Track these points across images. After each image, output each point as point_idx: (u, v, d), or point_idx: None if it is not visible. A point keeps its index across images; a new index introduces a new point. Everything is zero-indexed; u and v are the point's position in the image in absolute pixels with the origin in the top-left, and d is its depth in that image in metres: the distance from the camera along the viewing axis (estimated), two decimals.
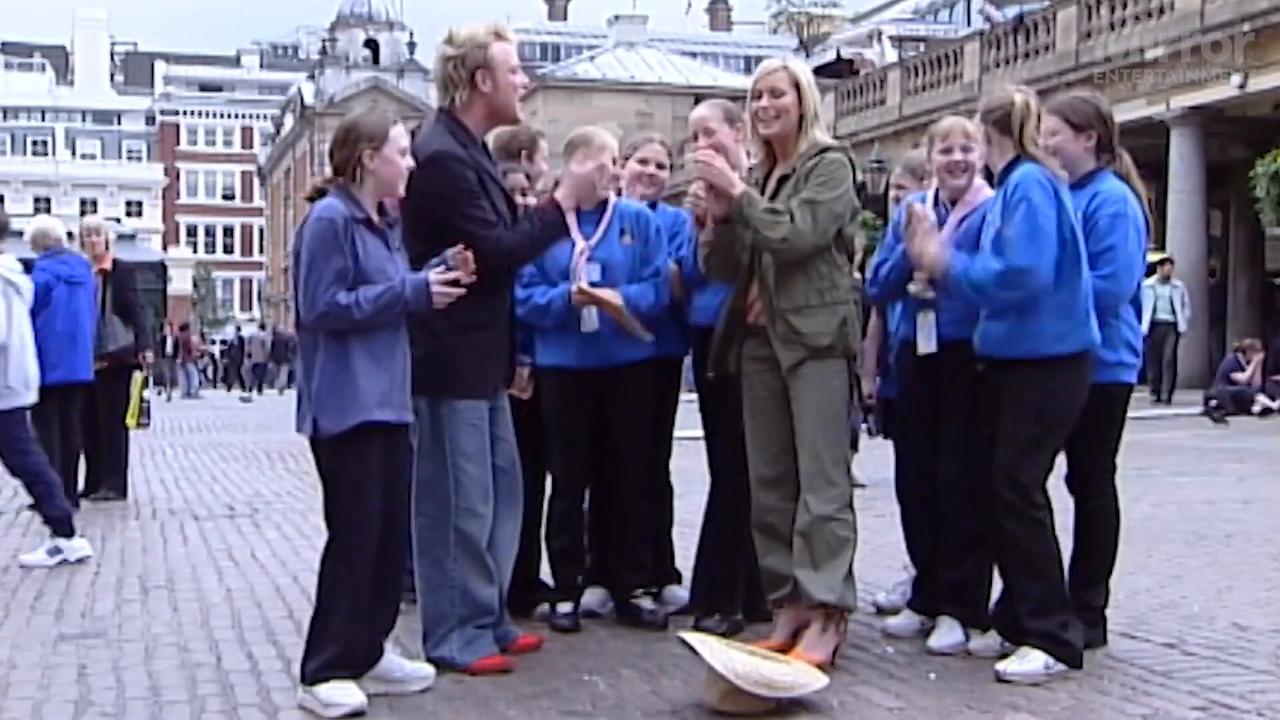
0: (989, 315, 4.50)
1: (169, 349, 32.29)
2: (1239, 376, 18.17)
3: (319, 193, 4.17)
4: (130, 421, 9.54)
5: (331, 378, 4.06)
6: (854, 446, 5.43)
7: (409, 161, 4.20)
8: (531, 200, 5.01)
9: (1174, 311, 18.27)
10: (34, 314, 8.72)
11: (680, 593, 5.48)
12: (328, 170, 4.25)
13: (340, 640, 4.05)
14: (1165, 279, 18.19)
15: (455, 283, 4.11)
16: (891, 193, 5.35)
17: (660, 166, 5.42)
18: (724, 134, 5.00)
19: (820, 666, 4.27)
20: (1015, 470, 4.41)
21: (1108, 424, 4.73)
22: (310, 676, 4.06)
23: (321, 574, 4.16)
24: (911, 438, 5.02)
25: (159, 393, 30.25)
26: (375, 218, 4.17)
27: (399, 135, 4.17)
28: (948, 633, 4.75)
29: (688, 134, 5.23)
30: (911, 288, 4.79)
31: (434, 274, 4.12)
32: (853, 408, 5.18)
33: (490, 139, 4.82)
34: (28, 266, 8.99)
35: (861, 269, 5.22)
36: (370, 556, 4.11)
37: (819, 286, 4.49)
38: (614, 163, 5.15)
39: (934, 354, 4.80)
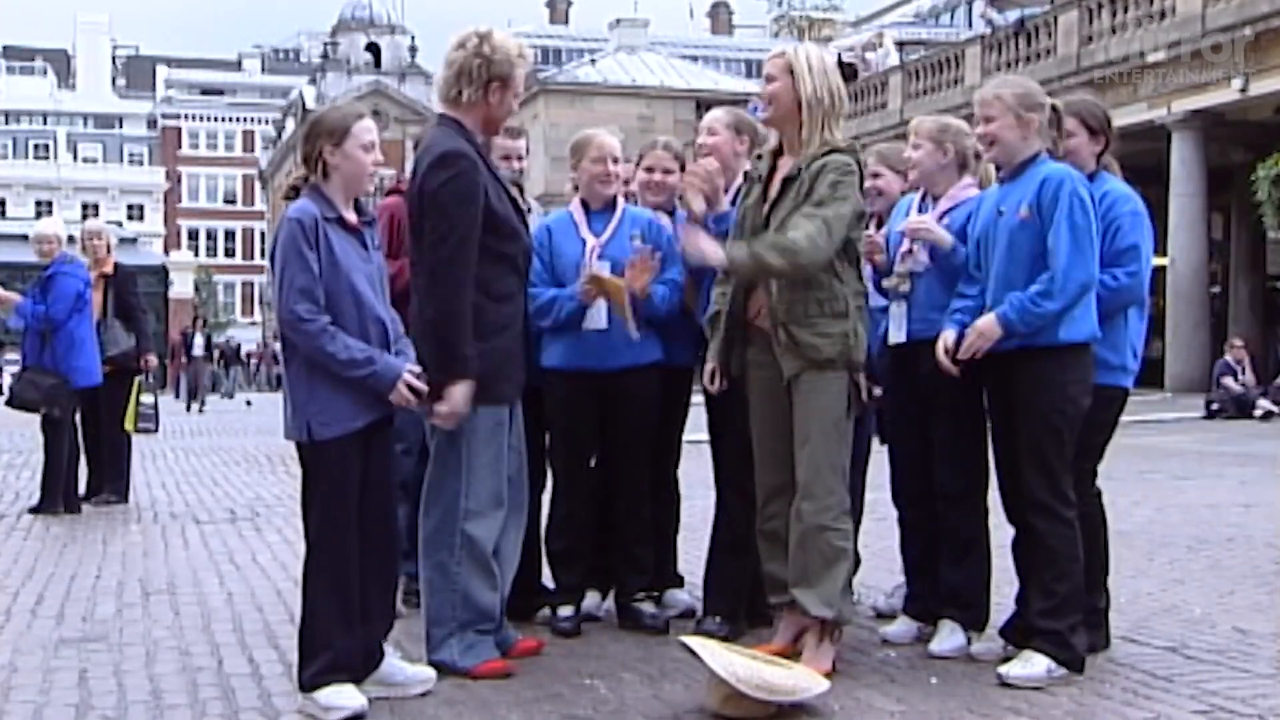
0: (994, 307, 4.46)
1: (197, 350, 30.09)
2: (1229, 382, 18.09)
3: (294, 190, 4.16)
4: (128, 426, 9.53)
5: (319, 382, 4.04)
6: (866, 456, 5.40)
7: (376, 156, 4.17)
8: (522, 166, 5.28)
9: None
10: (67, 318, 8.72)
11: (681, 596, 5.47)
12: (299, 168, 4.23)
13: (330, 647, 4.04)
14: None
15: (419, 393, 4.10)
16: (867, 183, 5.26)
17: (668, 172, 5.39)
18: (724, 138, 5.01)
19: (823, 675, 4.27)
20: (1047, 465, 4.41)
21: (1100, 428, 4.70)
22: (307, 683, 4.05)
23: (305, 582, 4.15)
24: (900, 441, 5.03)
25: (189, 404, 27.92)
26: (349, 216, 4.15)
27: (362, 130, 4.12)
28: (949, 636, 4.75)
29: (696, 134, 5.24)
30: (886, 283, 4.83)
31: (408, 371, 4.09)
32: (867, 416, 5.17)
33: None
34: (49, 273, 8.96)
35: None
36: (352, 560, 4.09)
37: (819, 297, 4.44)
38: (615, 162, 5.18)
39: (903, 345, 4.82)
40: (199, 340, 30.49)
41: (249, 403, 30.40)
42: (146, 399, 9.67)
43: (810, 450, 4.46)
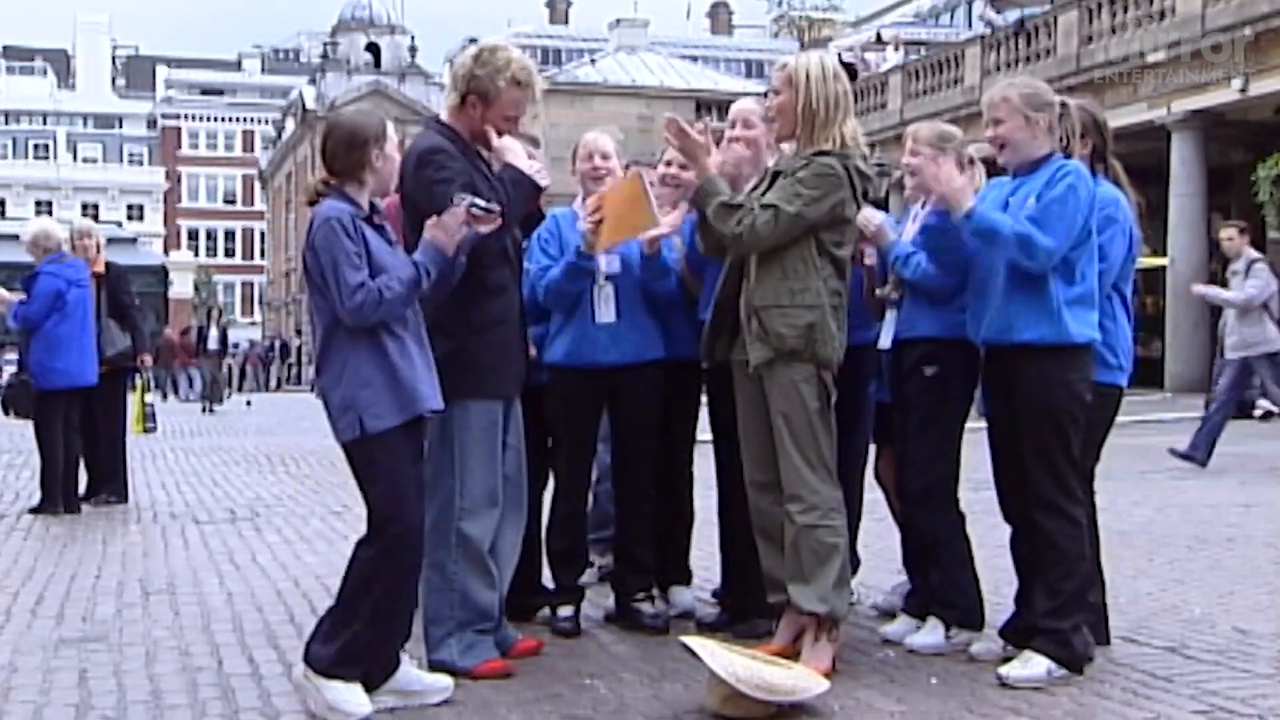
0: (1003, 302, 4.47)
1: (212, 345, 28.22)
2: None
3: (319, 195, 4.15)
4: (136, 428, 9.53)
5: (369, 376, 4.01)
6: (866, 456, 5.40)
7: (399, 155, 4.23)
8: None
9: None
10: (44, 319, 8.73)
11: (686, 595, 5.41)
12: (321, 172, 4.22)
13: (358, 638, 3.97)
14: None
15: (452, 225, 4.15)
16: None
17: (684, 167, 5.35)
18: (760, 130, 4.94)
19: (823, 674, 4.27)
20: (1054, 463, 4.42)
21: (1099, 425, 4.71)
22: (322, 666, 3.97)
23: (358, 566, 4.05)
24: (897, 441, 5.05)
25: (203, 405, 26.07)
26: (372, 214, 4.18)
27: (391, 131, 4.21)
28: (927, 632, 4.81)
29: (727, 123, 5.17)
30: (881, 292, 4.89)
31: (430, 222, 4.16)
32: (866, 417, 5.18)
33: None
34: (34, 272, 8.98)
35: None
36: (417, 551, 4.07)
37: (791, 286, 4.46)
38: (605, 158, 5.19)
39: (889, 351, 4.88)
40: (214, 334, 28.62)
41: (249, 403, 29.98)
42: (149, 399, 9.68)
43: (787, 451, 4.47)
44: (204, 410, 24.79)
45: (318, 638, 4.05)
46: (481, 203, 4.18)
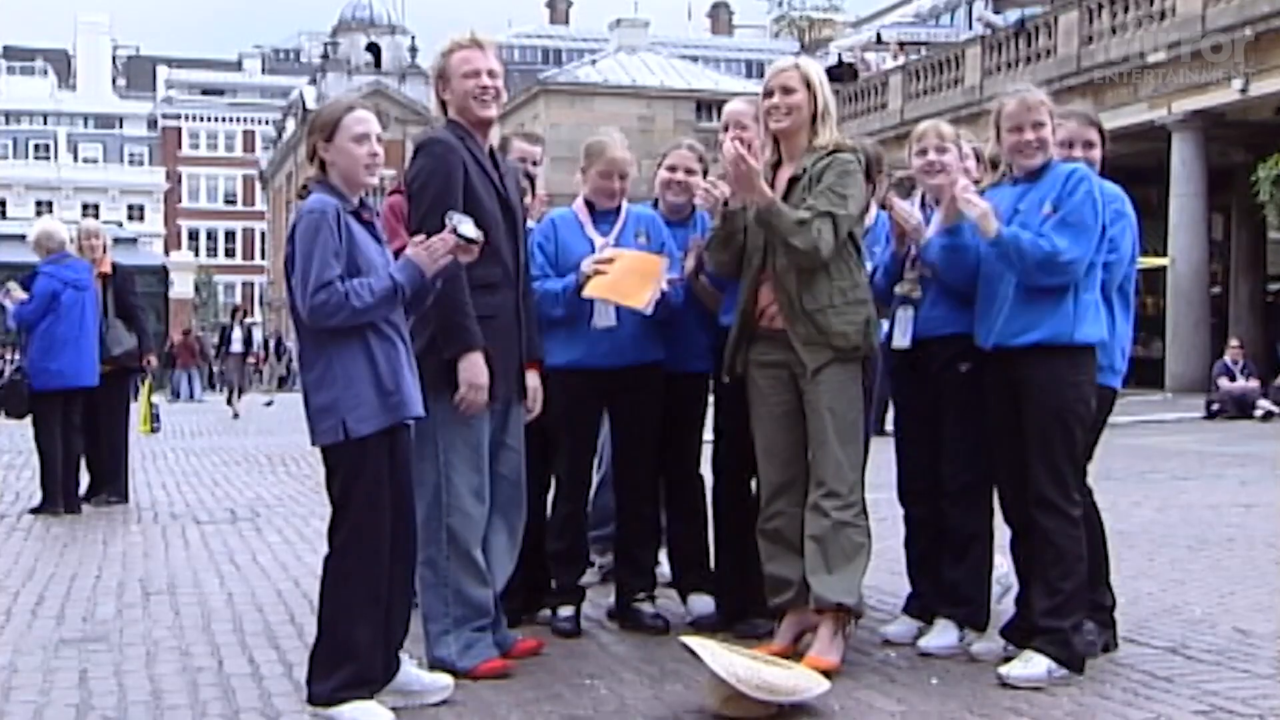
0: (1013, 305, 4.49)
1: (235, 346, 26.38)
2: (1224, 382, 17.97)
3: (305, 189, 4.11)
4: (143, 428, 9.55)
5: (354, 378, 3.93)
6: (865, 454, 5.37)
7: (371, 148, 4.07)
8: (542, 193, 5.32)
9: None
10: (39, 319, 8.76)
11: (704, 601, 5.27)
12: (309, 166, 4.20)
13: (356, 658, 3.90)
14: None
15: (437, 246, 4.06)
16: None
17: (690, 171, 5.27)
18: (753, 132, 4.94)
19: (831, 670, 4.28)
20: (1055, 463, 4.43)
21: (1092, 427, 4.71)
22: (327, 697, 3.90)
23: (329, 587, 4.00)
24: (908, 439, 5.04)
25: (235, 411, 23.56)
26: (362, 211, 4.12)
27: (353, 122, 4.04)
28: (940, 633, 4.78)
29: (719, 126, 5.18)
30: (899, 288, 4.84)
31: (412, 244, 4.07)
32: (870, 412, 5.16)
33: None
34: (32, 272, 9.02)
35: None
36: (383, 563, 3.98)
37: (841, 285, 4.53)
38: (623, 178, 5.16)
39: (908, 350, 4.82)
40: (237, 334, 26.79)
41: (269, 403, 28.78)
42: (155, 399, 9.70)
43: (830, 448, 4.50)
44: (235, 415, 22.67)
45: (314, 677, 3.96)
46: (469, 232, 4.09)
